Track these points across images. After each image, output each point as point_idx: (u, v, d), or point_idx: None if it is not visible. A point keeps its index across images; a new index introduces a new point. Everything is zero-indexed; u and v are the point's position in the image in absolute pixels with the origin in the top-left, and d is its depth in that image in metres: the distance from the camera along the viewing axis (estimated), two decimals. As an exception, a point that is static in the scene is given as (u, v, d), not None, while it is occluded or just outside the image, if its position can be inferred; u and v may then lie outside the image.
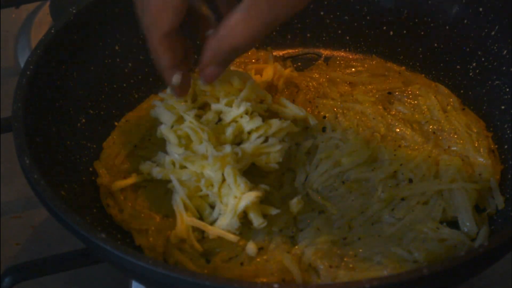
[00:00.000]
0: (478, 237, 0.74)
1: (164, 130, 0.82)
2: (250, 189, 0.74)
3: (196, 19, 0.76)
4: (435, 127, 0.85)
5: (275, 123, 0.82)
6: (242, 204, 0.73)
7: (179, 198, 0.75)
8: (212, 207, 0.77)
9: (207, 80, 0.74)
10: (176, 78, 0.73)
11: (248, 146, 0.79)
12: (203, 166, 0.76)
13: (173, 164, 0.79)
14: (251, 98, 0.81)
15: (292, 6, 0.66)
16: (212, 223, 0.75)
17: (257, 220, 0.74)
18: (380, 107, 0.87)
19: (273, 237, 0.74)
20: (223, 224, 0.74)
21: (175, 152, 0.79)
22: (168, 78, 0.74)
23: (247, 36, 0.67)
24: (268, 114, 0.85)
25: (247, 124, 0.80)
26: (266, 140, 0.81)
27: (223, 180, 0.76)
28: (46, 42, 0.82)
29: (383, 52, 0.97)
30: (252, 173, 0.78)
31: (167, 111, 0.81)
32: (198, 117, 0.82)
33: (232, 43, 0.67)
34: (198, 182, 0.76)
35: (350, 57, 0.97)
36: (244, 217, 0.75)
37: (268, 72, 0.91)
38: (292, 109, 0.86)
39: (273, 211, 0.75)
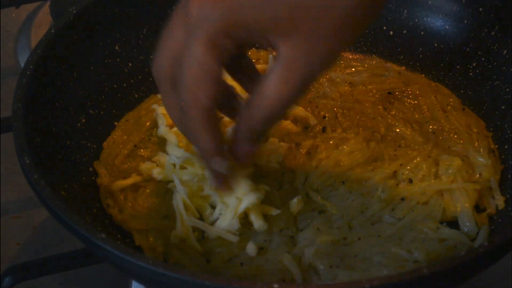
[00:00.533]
0: (478, 237, 0.74)
1: (163, 130, 0.82)
2: (252, 190, 0.74)
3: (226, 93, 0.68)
4: (435, 127, 0.85)
5: (283, 124, 0.83)
6: (243, 205, 0.73)
7: (179, 198, 0.75)
8: (213, 207, 0.77)
9: (242, 160, 0.65)
10: (226, 166, 0.63)
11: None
12: (203, 168, 0.76)
13: (173, 164, 0.79)
14: None
15: (331, 52, 0.59)
16: (213, 223, 0.75)
17: (258, 223, 0.74)
18: (380, 107, 0.87)
19: (273, 237, 0.74)
20: (224, 224, 0.74)
21: (174, 154, 0.79)
22: (215, 164, 0.64)
23: (283, 99, 0.59)
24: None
25: None
26: (266, 140, 0.81)
27: None
28: (46, 42, 0.82)
29: (383, 52, 0.97)
30: (252, 173, 0.78)
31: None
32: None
33: (268, 111, 0.60)
34: (200, 182, 0.76)
35: (350, 57, 0.97)
36: (244, 217, 0.75)
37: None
38: (292, 109, 0.86)
39: (274, 212, 0.75)
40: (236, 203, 0.73)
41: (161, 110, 0.86)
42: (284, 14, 0.57)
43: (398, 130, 0.84)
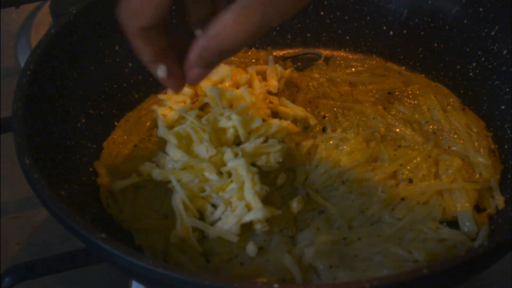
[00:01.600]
0: (478, 237, 0.74)
1: (164, 131, 0.82)
2: (263, 208, 0.74)
3: (183, 15, 0.72)
4: (435, 127, 0.85)
5: (275, 123, 0.83)
6: (249, 217, 0.73)
7: (179, 199, 0.75)
8: (214, 206, 0.76)
9: (190, 82, 0.69)
10: (161, 71, 0.68)
11: (248, 146, 0.79)
12: (202, 169, 0.77)
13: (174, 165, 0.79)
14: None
15: (286, 9, 0.63)
16: (213, 223, 0.75)
17: (260, 225, 0.74)
18: (380, 107, 0.87)
19: (273, 237, 0.74)
20: (225, 227, 0.74)
21: (173, 157, 0.79)
22: (153, 71, 0.69)
23: (237, 38, 0.63)
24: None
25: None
26: (266, 140, 0.81)
27: (230, 182, 0.76)
28: (46, 42, 0.82)
29: (383, 52, 0.97)
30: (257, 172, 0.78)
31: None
32: (198, 117, 0.82)
33: (221, 44, 0.64)
34: (201, 183, 0.76)
35: (350, 57, 0.97)
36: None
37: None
38: (292, 109, 0.86)
39: (276, 213, 0.75)
40: (243, 212, 0.73)
41: (161, 110, 0.86)
42: None
43: (398, 130, 0.84)
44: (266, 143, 0.80)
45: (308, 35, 1.00)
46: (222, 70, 0.89)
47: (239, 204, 0.74)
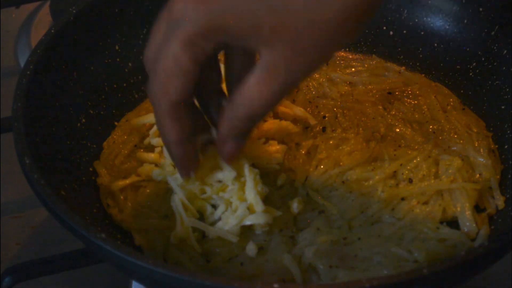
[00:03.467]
0: (478, 237, 0.74)
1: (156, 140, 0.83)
2: (264, 212, 0.74)
3: (209, 88, 0.70)
4: (435, 127, 0.85)
5: (275, 123, 0.83)
6: (250, 221, 0.73)
7: (178, 199, 0.75)
8: (214, 206, 0.76)
9: (227, 158, 0.67)
10: (182, 158, 0.66)
11: (248, 147, 0.79)
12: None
13: (173, 165, 0.79)
14: None
15: (310, 64, 0.61)
16: (214, 223, 0.75)
17: (260, 226, 0.74)
18: (380, 107, 0.87)
19: (273, 237, 0.74)
20: (225, 227, 0.74)
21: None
22: (174, 153, 0.67)
23: (265, 100, 0.61)
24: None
25: None
26: (266, 141, 0.81)
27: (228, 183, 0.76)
28: (46, 42, 0.82)
29: (383, 52, 0.97)
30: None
31: None
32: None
33: (250, 110, 0.61)
34: (201, 185, 0.76)
35: (350, 57, 0.97)
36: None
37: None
38: (292, 109, 0.86)
39: (276, 214, 0.75)
40: (243, 214, 0.73)
41: None
42: (266, 23, 0.58)
43: (398, 130, 0.84)
44: (267, 143, 0.80)
45: (308, 35, 1.00)
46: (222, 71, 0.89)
47: (240, 205, 0.74)
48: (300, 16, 0.58)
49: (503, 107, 0.85)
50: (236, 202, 0.74)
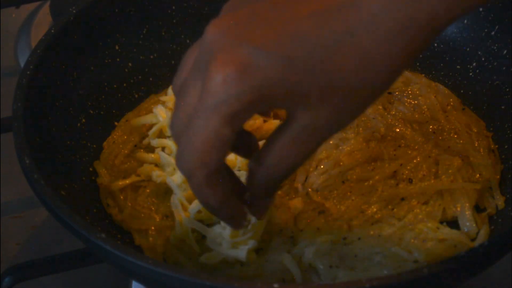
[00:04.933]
0: (478, 237, 0.74)
1: (157, 141, 0.82)
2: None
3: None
4: (435, 127, 0.85)
5: (275, 124, 0.82)
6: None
7: (177, 200, 0.75)
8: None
9: (259, 215, 0.65)
10: (231, 218, 0.62)
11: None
12: None
13: (174, 167, 0.79)
14: None
15: (354, 119, 0.58)
16: (213, 224, 0.75)
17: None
18: (380, 107, 0.87)
19: (273, 237, 0.74)
20: (225, 230, 0.74)
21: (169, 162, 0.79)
22: (221, 215, 0.62)
23: (300, 159, 0.58)
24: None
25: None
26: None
27: None
28: (46, 42, 0.82)
29: (383, 52, 0.96)
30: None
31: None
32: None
33: (283, 170, 0.58)
34: None
35: (350, 57, 0.97)
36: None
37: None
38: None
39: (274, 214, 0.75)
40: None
41: (162, 113, 0.85)
42: (315, 90, 0.55)
43: (398, 130, 0.84)
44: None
45: (308, 35, 1.00)
46: None
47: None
48: (351, 77, 0.55)
49: (503, 107, 0.85)
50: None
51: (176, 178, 0.77)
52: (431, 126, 0.85)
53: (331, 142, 0.82)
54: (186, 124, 0.57)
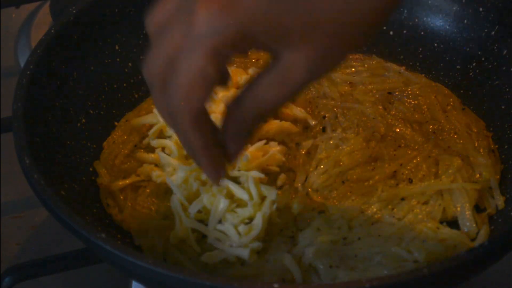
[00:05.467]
0: (478, 237, 0.74)
1: (157, 141, 0.82)
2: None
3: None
4: (435, 127, 0.85)
5: (275, 124, 0.83)
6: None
7: (177, 200, 0.75)
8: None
9: (232, 157, 0.64)
10: (211, 166, 0.63)
11: (249, 148, 0.79)
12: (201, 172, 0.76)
13: (173, 167, 0.79)
14: None
15: (333, 63, 0.59)
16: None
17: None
18: (380, 107, 0.87)
19: (273, 237, 0.74)
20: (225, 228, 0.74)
21: (169, 162, 0.79)
22: (202, 160, 0.63)
23: (277, 100, 0.59)
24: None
25: None
26: (267, 142, 0.81)
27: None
28: (46, 42, 0.82)
29: (383, 52, 0.97)
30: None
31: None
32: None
33: (261, 110, 0.59)
34: (200, 186, 0.76)
35: (350, 57, 0.97)
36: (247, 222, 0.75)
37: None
38: (292, 110, 0.86)
39: (275, 220, 0.75)
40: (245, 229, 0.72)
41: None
42: (297, 28, 0.56)
43: (398, 130, 0.84)
44: (267, 145, 0.80)
45: (308, 35, 1.00)
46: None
47: (240, 211, 0.73)
48: (333, 12, 0.56)
49: (503, 107, 0.85)
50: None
51: (176, 178, 0.77)
52: (431, 126, 0.85)
53: (331, 142, 0.83)
54: (167, 63, 0.58)
